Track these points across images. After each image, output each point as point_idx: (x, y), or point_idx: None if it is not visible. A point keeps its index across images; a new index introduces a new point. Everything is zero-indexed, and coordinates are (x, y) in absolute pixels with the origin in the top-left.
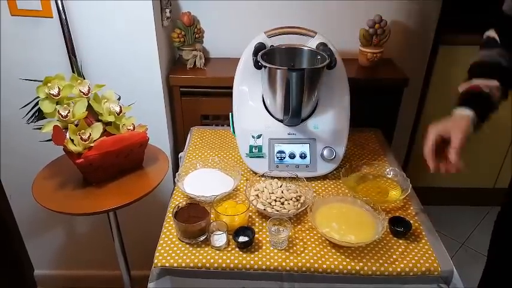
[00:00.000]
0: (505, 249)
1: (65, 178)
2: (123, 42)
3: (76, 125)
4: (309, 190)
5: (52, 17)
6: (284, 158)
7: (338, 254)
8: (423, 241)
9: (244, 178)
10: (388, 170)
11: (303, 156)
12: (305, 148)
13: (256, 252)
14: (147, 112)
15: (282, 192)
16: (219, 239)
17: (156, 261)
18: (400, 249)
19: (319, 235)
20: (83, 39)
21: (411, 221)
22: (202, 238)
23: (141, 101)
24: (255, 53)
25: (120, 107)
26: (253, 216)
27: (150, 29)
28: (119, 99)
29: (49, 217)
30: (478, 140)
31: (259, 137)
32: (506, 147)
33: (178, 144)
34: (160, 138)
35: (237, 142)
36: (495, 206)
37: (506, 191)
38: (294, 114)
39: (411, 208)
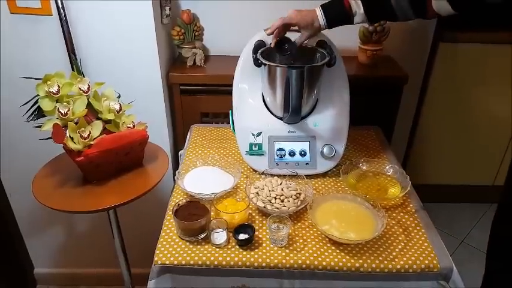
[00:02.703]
0: (504, 251)
1: (65, 176)
2: (123, 40)
3: (76, 123)
4: (308, 188)
5: (51, 15)
6: (284, 155)
7: (338, 251)
8: (423, 238)
9: (244, 176)
10: (387, 167)
11: (302, 153)
12: (305, 146)
13: (257, 250)
14: (146, 110)
15: (282, 189)
16: (219, 236)
17: (156, 259)
18: (399, 246)
19: (319, 232)
20: (83, 37)
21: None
22: (202, 236)
23: (140, 99)
24: (255, 51)
25: (120, 105)
26: (253, 214)
27: (150, 26)
28: (119, 97)
29: (49, 215)
30: (477, 137)
31: (259, 134)
32: (506, 145)
33: (178, 142)
34: (160, 136)
35: (236, 140)
36: (494, 203)
37: (502, 191)
38: (293, 112)
39: (411, 205)
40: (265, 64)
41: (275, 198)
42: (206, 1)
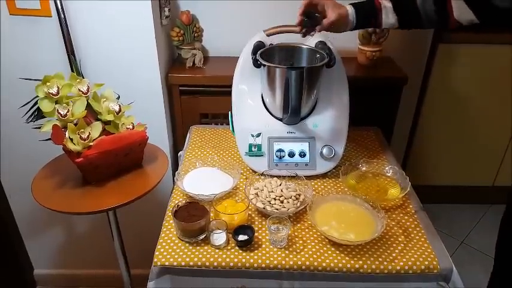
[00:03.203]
0: None
1: (65, 177)
2: (122, 41)
3: (75, 124)
4: (308, 188)
5: (51, 16)
6: (283, 156)
7: (337, 252)
8: (422, 239)
9: (244, 177)
10: (387, 168)
11: (302, 154)
12: (304, 146)
13: (256, 251)
14: (146, 111)
15: (282, 190)
16: (219, 237)
17: (155, 260)
18: (399, 247)
19: (318, 233)
20: (82, 38)
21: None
22: (201, 237)
23: (140, 100)
24: (254, 52)
25: (119, 106)
26: (253, 215)
27: (149, 27)
28: (118, 98)
29: (49, 216)
30: (477, 138)
31: (258, 135)
32: (505, 145)
33: (177, 143)
34: (159, 137)
35: (236, 141)
36: (494, 204)
37: (510, 190)
38: (293, 112)
39: (410, 206)
40: (264, 65)
41: (274, 199)
42: (205, 2)
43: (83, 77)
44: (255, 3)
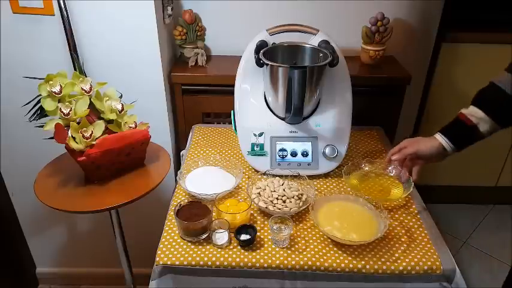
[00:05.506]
0: None
1: (67, 176)
2: (125, 40)
3: (78, 123)
4: (310, 188)
5: (54, 15)
6: (286, 156)
7: (340, 252)
8: (425, 239)
9: (246, 176)
10: (390, 168)
11: (304, 154)
12: (307, 146)
13: (258, 251)
14: (148, 110)
15: (284, 190)
16: (221, 237)
17: (158, 259)
18: (402, 248)
19: (321, 233)
20: (85, 37)
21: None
22: (204, 236)
23: (142, 99)
24: (257, 51)
25: (122, 105)
26: (255, 215)
27: (152, 26)
28: (121, 97)
29: (51, 215)
30: None
31: (261, 135)
32: (508, 145)
33: (180, 142)
34: (162, 136)
35: (238, 140)
36: (497, 204)
37: None
38: (295, 112)
39: (413, 206)
40: (267, 64)
41: (277, 198)
42: (208, 1)
43: (86, 76)
44: (257, 2)
